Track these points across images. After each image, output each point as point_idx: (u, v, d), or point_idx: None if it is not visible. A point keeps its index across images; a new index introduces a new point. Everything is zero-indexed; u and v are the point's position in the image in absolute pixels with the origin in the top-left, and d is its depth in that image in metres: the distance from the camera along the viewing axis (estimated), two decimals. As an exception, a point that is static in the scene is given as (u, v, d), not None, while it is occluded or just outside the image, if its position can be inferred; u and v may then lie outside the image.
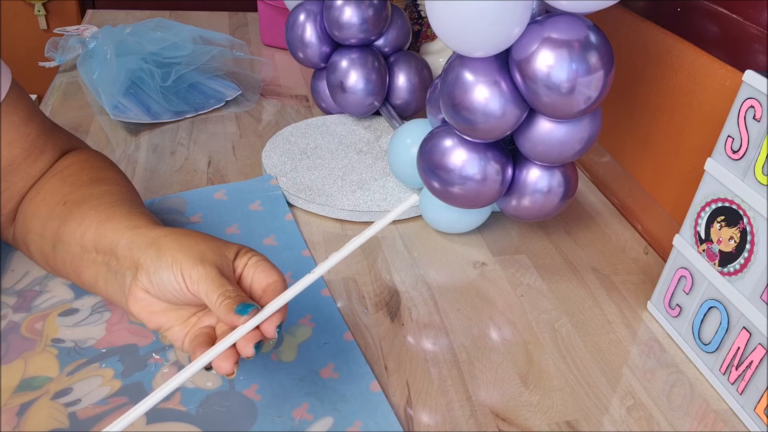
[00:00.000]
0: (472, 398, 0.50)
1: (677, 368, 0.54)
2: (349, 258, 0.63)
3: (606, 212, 0.74)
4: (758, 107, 0.47)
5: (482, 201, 0.60)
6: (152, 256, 0.43)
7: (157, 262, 0.42)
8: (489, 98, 0.53)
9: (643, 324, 0.59)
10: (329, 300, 0.57)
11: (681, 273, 0.55)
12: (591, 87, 0.51)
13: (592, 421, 0.49)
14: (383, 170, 0.74)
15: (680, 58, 0.65)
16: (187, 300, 0.43)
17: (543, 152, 0.56)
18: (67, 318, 0.53)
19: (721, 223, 0.51)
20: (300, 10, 0.80)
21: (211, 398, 0.47)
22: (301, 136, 0.80)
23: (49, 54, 0.94)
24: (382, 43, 0.81)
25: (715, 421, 0.50)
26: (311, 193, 0.69)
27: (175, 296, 0.43)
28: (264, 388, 0.48)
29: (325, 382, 0.49)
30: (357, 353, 0.52)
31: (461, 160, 0.58)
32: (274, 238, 0.64)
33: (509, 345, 0.55)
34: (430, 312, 0.58)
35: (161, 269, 0.42)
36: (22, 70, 1.22)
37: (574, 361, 0.54)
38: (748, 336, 0.49)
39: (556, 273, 0.64)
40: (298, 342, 0.52)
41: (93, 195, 0.51)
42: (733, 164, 0.49)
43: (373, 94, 0.80)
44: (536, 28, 0.50)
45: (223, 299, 0.40)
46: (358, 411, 0.47)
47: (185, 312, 0.45)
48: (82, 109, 0.86)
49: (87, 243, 0.47)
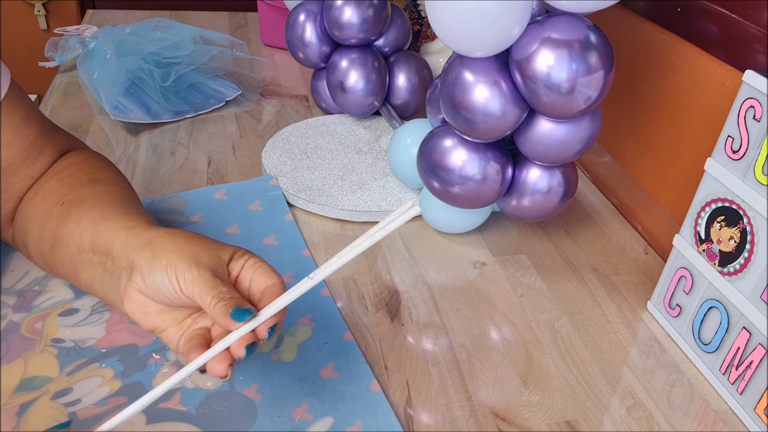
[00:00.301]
0: (472, 398, 0.50)
1: (677, 368, 0.54)
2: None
3: (606, 212, 0.74)
4: (758, 107, 0.47)
5: (482, 201, 0.60)
6: (147, 257, 0.43)
7: (151, 263, 0.42)
8: (489, 98, 0.53)
9: (643, 324, 0.59)
10: (329, 300, 0.57)
11: (681, 273, 0.55)
12: (591, 87, 0.51)
13: (592, 421, 0.49)
14: (383, 170, 0.74)
15: (680, 58, 0.65)
16: (181, 302, 0.43)
17: (543, 152, 0.56)
18: (67, 318, 0.53)
19: (721, 223, 0.51)
20: (300, 10, 0.80)
21: (211, 398, 0.47)
22: (301, 136, 0.80)
23: (49, 54, 0.94)
24: (382, 43, 0.81)
25: (715, 421, 0.50)
26: (311, 193, 0.69)
27: (170, 298, 0.43)
28: (264, 388, 0.48)
29: (325, 382, 0.49)
30: (357, 353, 0.52)
31: (461, 160, 0.58)
32: (274, 237, 0.64)
33: (509, 345, 0.55)
34: (430, 312, 0.58)
35: (155, 271, 0.42)
36: (22, 70, 1.22)
37: (574, 361, 0.54)
38: (748, 336, 0.49)
39: (556, 273, 0.64)
40: (298, 342, 0.52)
41: (91, 195, 0.51)
42: (733, 164, 0.49)
43: (373, 94, 0.80)
44: (536, 28, 0.50)
45: (217, 301, 0.40)
46: (358, 411, 0.47)
47: (180, 313, 0.45)
48: (82, 109, 0.86)
49: (84, 244, 0.47)
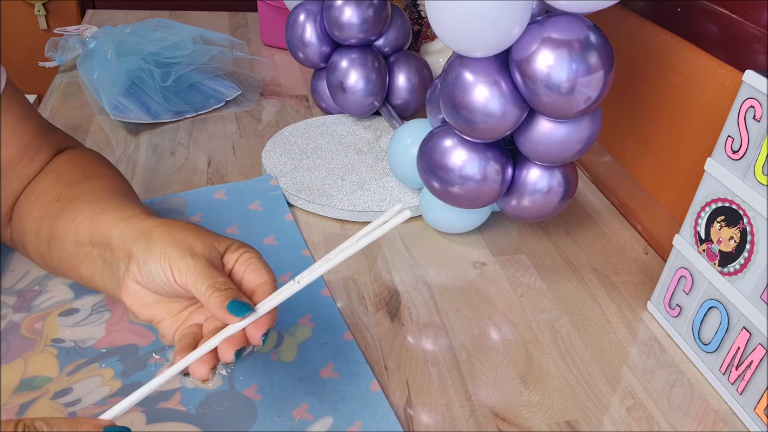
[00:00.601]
0: (472, 398, 0.50)
1: (677, 368, 0.54)
2: (349, 258, 0.63)
3: (606, 212, 0.74)
4: (758, 107, 0.47)
5: (482, 201, 0.60)
6: (142, 247, 0.42)
7: (146, 253, 0.42)
8: (489, 98, 0.53)
9: (643, 324, 0.59)
10: (329, 300, 0.57)
11: (681, 273, 0.55)
12: (591, 87, 0.51)
13: (592, 421, 0.49)
14: (383, 170, 0.74)
15: (680, 58, 0.65)
16: (175, 292, 0.43)
17: (543, 152, 0.56)
18: (67, 318, 0.53)
19: (721, 223, 0.51)
20: (300, 10, 0.80)
21: (211, 398, 0.47)
22: (301, 136, 0.80)
23: (49, 54, 0.94)
24: (382, 43, 0.81)
25: (715, 421, 0.50)
26: (311, 193, 0.69)
27: (164, 288, 0.42)
28: (264, 388, 0.48)
29: (325, 382, 0.49)
30: (357, 353, 0.52)
31: (461, 160, 0.58)
32: (274, 237, 0.64)
33: (509, 345, 0.55)
34: (430, 312, 0.58)
35: (150, 261, 0.42)
36: (22, 70, 1.22)
37: (574, 361, 0.54)
38: (748, 336, 0.49)
39: (556, 273, 0.64)
40: (298, 342, 0.52)
41: (85, 191, 0.50)
42: (733, 164, 0.49)
43: (373, 94, 0.80)
44: (536, 28, 0.50)
45: (212, 291, 0.39)
46: (358, 410, 0.47)
47: (177, 305, 0.45)
48: (82, 109, 0.86)
49: (82, 237, 0.47)
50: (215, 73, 0.93)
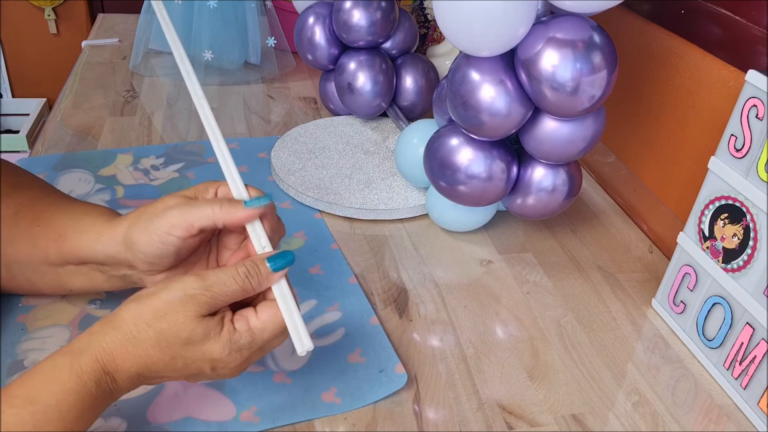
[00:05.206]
0: (480, 392, 0.50)
1: (681, 364, 0.55)
2: (358, 256, 0.64)
3: (611, 211, 0.75)
4: (761, 106, 0.48)
5: (488, 199, 0.61)
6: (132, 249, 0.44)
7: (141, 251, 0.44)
8: (495, 97, 0.54)
9: (647, 321, 0.59)
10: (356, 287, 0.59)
11: (685, 270, 0.56)
12: (595, 86, 0.51)
13: (598, 415, 0.49)
14: (390, 170, 0.75)
15: (684, 59, 0.66)
16: (190, 247, 0.44)
17: (548, 151, 0.57)
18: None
19: (724, 221, 0.52)
20: (309, 12, 0.81)
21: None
22: (309, 136, 0.81)
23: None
24: (389, 45, 0.82)
25: (719, 416, 0.50)
26: (319, 191, 0.70)
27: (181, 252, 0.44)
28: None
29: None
30: (382, 337, 0.54)
31: (467, 159, 0.59)
32: (304, 233, 0.66)
33: (516, 341, 0.56)
34: (438, 309, 0.58)
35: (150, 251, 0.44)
36: (33, 75, 1.22)
37: (580, 357, 0.54)
38: (752, 331, 0.49)
39: (562, 271, 0.65)
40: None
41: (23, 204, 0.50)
42: (736, 162, 0.50)
43: (381, 95, 0.81)
44: (541, 28, 0.51)
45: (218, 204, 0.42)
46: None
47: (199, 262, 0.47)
48: (93, 112, 0.87)
49: (54, 261, 0.48)
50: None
